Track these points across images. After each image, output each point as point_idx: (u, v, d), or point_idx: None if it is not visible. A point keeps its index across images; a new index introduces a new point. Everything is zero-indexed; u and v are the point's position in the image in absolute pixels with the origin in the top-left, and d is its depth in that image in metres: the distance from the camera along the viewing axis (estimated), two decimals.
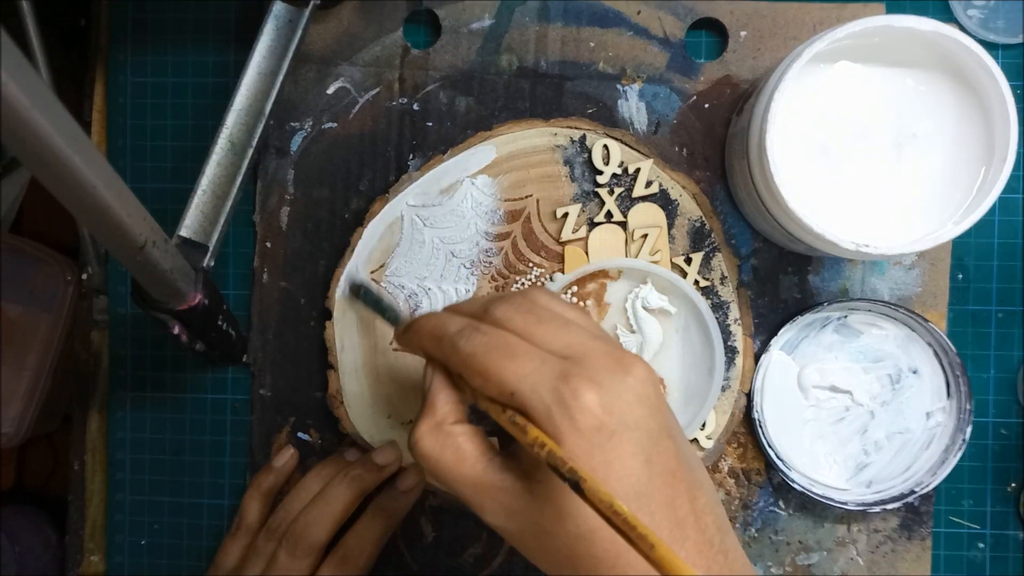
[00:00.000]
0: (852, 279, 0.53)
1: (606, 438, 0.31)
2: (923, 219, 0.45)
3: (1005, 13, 0.52)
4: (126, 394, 0.55)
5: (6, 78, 0.22)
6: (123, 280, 0.55)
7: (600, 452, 0.31)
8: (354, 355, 0.52)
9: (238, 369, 0.55)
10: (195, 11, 0.54)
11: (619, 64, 0.52)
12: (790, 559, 0.53)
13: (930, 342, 0.52)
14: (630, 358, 0.33)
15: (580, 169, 0.52)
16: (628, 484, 0.31)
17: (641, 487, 0.31)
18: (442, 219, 0.52)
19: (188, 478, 0.55)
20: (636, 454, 0.31)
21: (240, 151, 0.46)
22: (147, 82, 0.55)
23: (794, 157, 0.45)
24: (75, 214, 0.30)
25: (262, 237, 0.54)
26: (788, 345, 0.52)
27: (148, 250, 0.34)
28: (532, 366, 0.32)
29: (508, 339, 0.34)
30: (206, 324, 0.44)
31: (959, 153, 0.45)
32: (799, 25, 0.52)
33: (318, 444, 0.54)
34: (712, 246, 0.52)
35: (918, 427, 0.52)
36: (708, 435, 0.51)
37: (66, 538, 0.56)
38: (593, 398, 0.31)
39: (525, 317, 0.35)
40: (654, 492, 0.31)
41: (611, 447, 0.31)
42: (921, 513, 0.53)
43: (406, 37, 0.53)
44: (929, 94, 0.45)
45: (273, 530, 0.49)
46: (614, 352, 0.33)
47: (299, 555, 0.48)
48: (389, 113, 0.53)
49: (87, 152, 0.27)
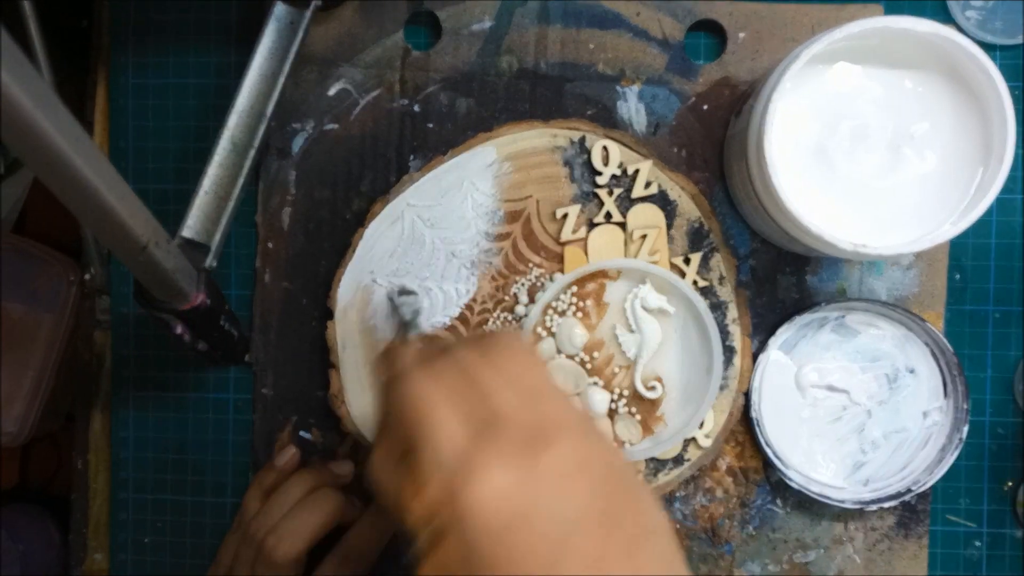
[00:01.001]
0: (850, 279, 0.53)
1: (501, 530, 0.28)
2: (921, 219, 0.45)
3: (1003, 14, 0.52)
4: (129, 393, 0.56)
5: (9, 79, 0.23)
6: (125, 280, 0.55)
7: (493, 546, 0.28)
8: (355, 354, 0.52)
9: (240, 368, 0.55)
10: (196, 12, 0.55)
11: (618, 65, 0.53)
12: (787, 557, 0.53)
13: (927, 342, 0.52)
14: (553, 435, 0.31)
15: (580, 170, 0.52)
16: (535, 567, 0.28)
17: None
18: (442, 219, 0.52)
19: (191, 477, 0.55)
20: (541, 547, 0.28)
21: (242, 152, 0.46)
22: (149, 83, 0.55)
23: (792, 158, 0.45)
24: (78, 215, 0.30)
25: (264, 237, 0.54)
26: (786, 345, 0.52)
27: (150, 251, 0.34)
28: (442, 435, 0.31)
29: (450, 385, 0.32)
30: (208, 324, 0.44)
31: (957, 154, 0.45)
32: (797, 26, 0.52)
33: (320, 443, 0.54)
34: (710, 246, 0.52)
35: (915, 426, 0.52)
36: (706, 434, 0.52)
37: (69, 537, 0.56)
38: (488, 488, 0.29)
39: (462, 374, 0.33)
40: None
41: (508, 541, 0.28)
42: (918, 511, 0.53)
43: (407, 39, 0.53)
44: (927, 95, 0.45)
45: (251, 536, 0.48)
46: (537, 426, 0.31)
47: (274, 567, 0.47)
48: (390, 114, 0.53)
49: (89, 153, 0.27)
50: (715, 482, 0.53)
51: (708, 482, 0.53)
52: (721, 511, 0.53)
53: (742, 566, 0.53)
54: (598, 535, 0.29)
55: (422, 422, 0.31)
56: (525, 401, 0.32)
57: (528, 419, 0.31)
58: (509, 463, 0.29)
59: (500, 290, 0.52)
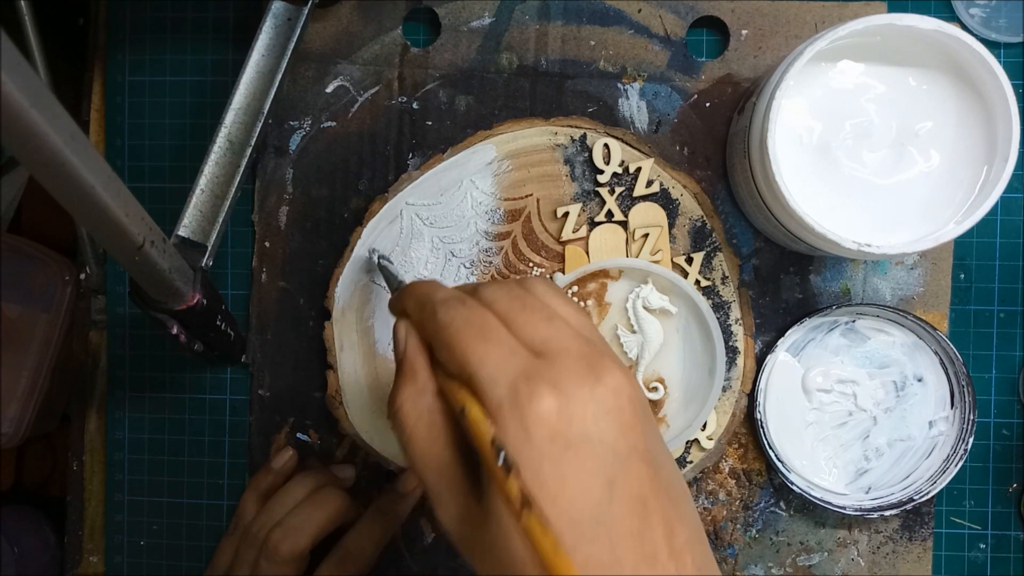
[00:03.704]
0: (854, 279, 0.52)
1: (560, 450, 0.28)
2: (925, 218, 0.45)
3: (1007, 12, 0.52)
4: (124, 394, 0.55)
5: (4, 77, 0.22)
6: (121, 280, 0.55)
7: (551, 465, 0.27)
8: (353, 355, 0.52)
9: (237, 369, 0.54)
10: (193, 10, 0.54)
11: (620, 63, 0.52)
12: (791, 560, 0.53)
13: (936, 350, 0.51)
14: (609, 366, 0.30)
15: (580, 168, 0.52)
16: (583, 506, 0.27)
17: (600, 512, 0.27)
18: (442, 218, 0.52)
19: (187, 479, 0.55)
20: (596, 473, 0.28)
21: (239, 150, 0.46)
22: (145, 81, 0.54)
23: (796, 156, 0.45)
24: (73, 214, 0.30)
25: (261, 236, 0.53)
26: (794, 347, 0.52)
27: (146, 250, 0.34)
28: (498, 354, 0.30)
29: (487, 319, 0.31)
30: (205, 324, 0.44)
31: (961, 152, 0.44)
32: (800, 24, 0.52)
33: (317, 445, 0.54)
34: (713, 246, 0.51)
35: (920, 435, 0.52)
36: (709, 435, 0.51)
37: (65, 539, 0.56)
38: (551, 404, 0.28)
39: (511, 302, 0.32)
40: (616, 520, 0.27)
41: (565, 461, 0.28)
42: (922, 514, 0.52)
43: (405, 35, 0.53)
44: (931, 93, 0.45)
45: (253, 535, 0.48)
46: (591, 356, 0.30)
47: (278, 562, 0.47)
48: (388, 112, 0.53)
49: (85, 151, 0.27)
50: (718, 484, 0.53)
51: (711, 484, 0.53)
52: (724, 514, 0.53)
53: (745, 569, 0.53)
54: (646, 474, 0.29)
55: (476, 345, 0.30)
56: (574, 333, 0.31)
57: (581, 350, 0.30)
58: (567, 389, 0.28)
59: None
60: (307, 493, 0.50)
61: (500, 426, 0.28)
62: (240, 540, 0.49)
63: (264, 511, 0.49)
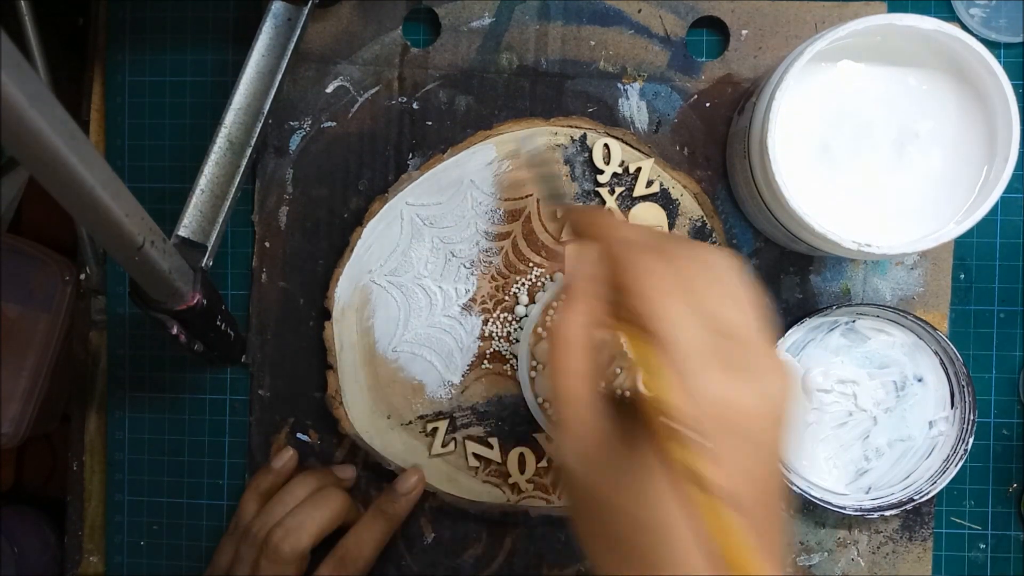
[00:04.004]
0: (854, 279, 0.52)
1: (724, 436, 0.28)
2: (925, 218, 0.45)
3: (1007, 12, 0.52)
4: (124, 394, 0.55)
5: (4, 78, 0.22)
6: (121, 280, 0.55)
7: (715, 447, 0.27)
8: (353, 355, 0.52)
9: (237, 369, 0.54)
10: (193, 10, 0.54)
11: (620, 63, 0.52)
12: (791, 560, 0.53)
13: (937, 351, 0.51)
14: (779, 366, 0.30)
15: (581, 168, 0.52)
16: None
17: (739, 503, 0.27)
18: (442, 218, 0.52)
19: (187, 479, 0.55)
20: (744, 464, 0.28)
21: (239, 150, 0.46)
22: (145, 81, 0.54)
23: (796, 156, 0.44)
24: (73, 214, 0.30)
25: (261, 237, 0.53)
26: (794, 347, 0.52)
27: (146, 250, 0.34)
28: (691, 323, 0.29)
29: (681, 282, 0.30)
30: (205, 324, 0.44)
31: (961, 152, 0.44)
32: (800, 24, 0.52)
33: (317, 445, 0.54)
34: (713, 246, 0.51)
35: (920, 435, 0.52)
36: None
37: (65, 539, 0.56)
38: (730, 387, 0.28)
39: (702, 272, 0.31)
40: (747, 514, 0.27)
41: (724, 446, 0.28)
42: (923, 514, 0.52)
43: (405, 35, 0.53)
44: (931, 93, 0.45)
45: (254, 535, 0.48)
46: (770, 352, 0.30)
47: (279, 561, 0.46)
48: (388, 112, 0.53)
49: (85, 151, 0.27)
50: None
51: None
52: None
53: None
54: (777, 478, 0.30)
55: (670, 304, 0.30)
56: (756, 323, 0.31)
57: (761, 343, 0.30)
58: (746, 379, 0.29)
59: (500, 290, 0.52)
60: (307, 493, 0.50)
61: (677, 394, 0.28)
62: (240, 540, 0.49)
63: (264, 511, 0.49)
